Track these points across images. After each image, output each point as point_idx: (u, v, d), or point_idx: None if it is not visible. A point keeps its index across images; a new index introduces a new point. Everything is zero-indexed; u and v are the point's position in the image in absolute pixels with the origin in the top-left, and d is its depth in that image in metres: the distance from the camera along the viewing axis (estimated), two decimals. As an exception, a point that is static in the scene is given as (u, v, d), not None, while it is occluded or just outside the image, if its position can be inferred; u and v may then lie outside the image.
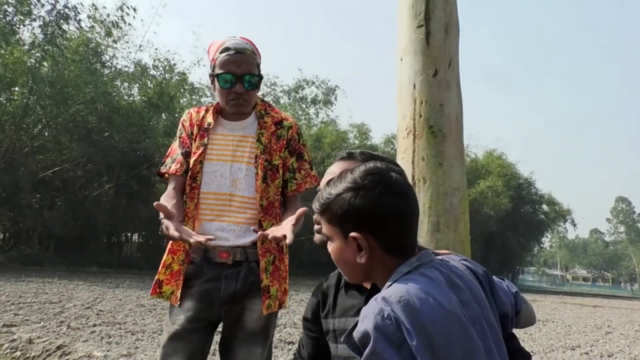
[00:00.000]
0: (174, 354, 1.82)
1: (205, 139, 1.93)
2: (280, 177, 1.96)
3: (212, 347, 5.02)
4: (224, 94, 1.89)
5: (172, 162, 1.99)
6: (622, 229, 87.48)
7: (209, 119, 1.97)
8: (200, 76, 35.18)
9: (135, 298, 9.32)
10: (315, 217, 1.36)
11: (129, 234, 24.78)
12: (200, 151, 1.92)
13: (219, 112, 2.01)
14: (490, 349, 0.93)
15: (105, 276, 14.68)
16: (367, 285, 1.31)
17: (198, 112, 2.03)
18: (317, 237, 1.38)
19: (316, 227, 1.38)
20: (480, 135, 47.29)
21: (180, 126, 2.04)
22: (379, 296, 0.92)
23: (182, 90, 22.52)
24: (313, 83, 27.25)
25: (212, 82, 1.94)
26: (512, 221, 30.26)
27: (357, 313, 1.28)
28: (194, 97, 23.91)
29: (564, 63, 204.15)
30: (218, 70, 1.86)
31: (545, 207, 34.84)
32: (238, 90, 1.86)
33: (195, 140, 1.96)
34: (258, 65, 1.92)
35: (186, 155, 1.98)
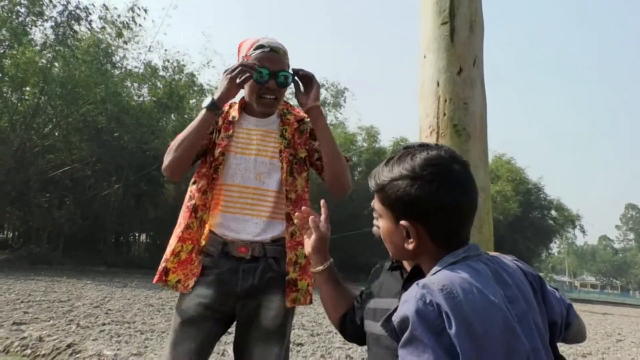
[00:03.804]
0: (186, 339, 1.79)
1: (230, 132, 1.92)
2: (307, 169, 1.98)
3: (222, 348, 4.94)
4: (256, 89, 1.87)
5: None
6: (631, 236, 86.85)
7: (233, 113, 1.96)
8: (209, 77, 35.21)
9: (144, 297, 9.32)
10: (374, 204, 1.34)
11: (137, 234, 24.89)
12: (225, 143, 1.90)
13: (243, 107, 2.00)
14: (537, 349, 0.88)
15: (114, 276, 14.72)
16: (408, 268, 1.29)
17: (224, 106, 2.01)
18: (375, 230, 1.36)
19: (376, 221, 1.34)
20: (490, 138, 46.86)
21: None
22: (421, 282, 0.89)
23: (191, 91, 22.61)
24: (323, 85, 27.22)
25: None
26: (520, 226, 30.05)
27: (396, 295, 1.25)
28: (202, 98, 23.96)
29: (577, 66, 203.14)
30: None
31: (554, 212, 34.55)
32: (271, 86, 1.86)
33: (219, 132, 1.93)
34: (289, 66, 1.92)
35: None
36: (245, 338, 1.85)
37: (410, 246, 1.00)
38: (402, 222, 0.99)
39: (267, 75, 1.84)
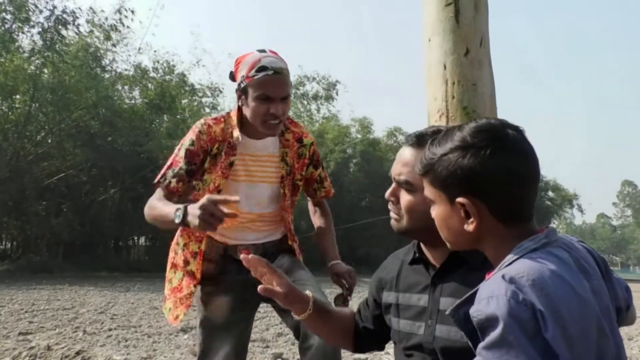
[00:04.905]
0: (220, 346, 1.87)
1: (232, 159, 1.86)
2: (299, 193, 2.07)
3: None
4: (260, 114, 1.77)
5: (172, 177, 1.82)
6: (629, 212, 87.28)
7: (236, 133, 1.87)
8: (200, 77, 35.03)
9: (147, 301, 9.28)
10: (388, 195, 1.26)
11: (136, 237, 24.80)
12: (227, 172, 1.86)
13: (241, 125, 1.90)
14: (619, 346, 0.81)
15: (115, 280, 14.67)
16: (437, 263, 1.22)
17: (217, 123, 1.88)
18: (393, 223, 1.27)
19: (392, 213, 1.27)
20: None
21: (193, 136, 1.85)
22: (505, 274, 0.78)
23: (182, 91, 22.43)
24: (314, 79, 27.08)
25: (240, 98, 1.83)
26: (518, 209, 30.17)
27: (423, 290, 1.21)
28: (194, 97, 23.79)
29: (565, 41, 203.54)
30: (255, 91, 1.75)
31: (551, 193, 34.69)
32: (276, 112, 1.76)
33: (222, 156, 1.86)
34: (291, 84, 1.88)
35: (190, 174, 1.83)
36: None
37: (470, 227, 0.89)
38: (459, 200, 0.89)
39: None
